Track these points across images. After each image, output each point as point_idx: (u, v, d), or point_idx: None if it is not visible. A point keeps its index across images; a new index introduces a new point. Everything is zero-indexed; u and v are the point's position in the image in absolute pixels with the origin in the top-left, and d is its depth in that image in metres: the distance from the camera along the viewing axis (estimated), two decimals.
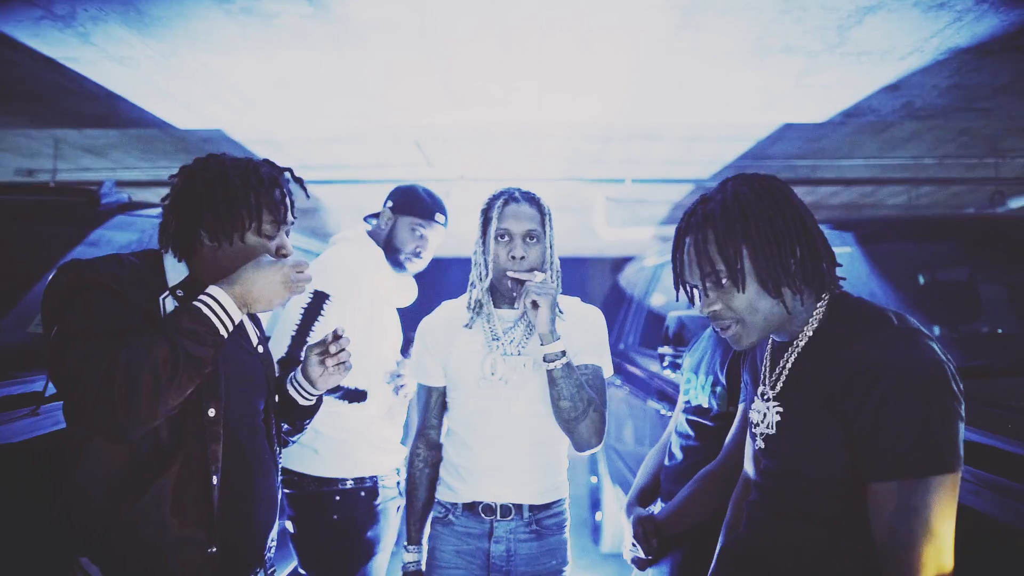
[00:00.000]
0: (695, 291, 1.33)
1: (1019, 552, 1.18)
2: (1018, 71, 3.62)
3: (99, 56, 3.48)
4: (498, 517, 1.72)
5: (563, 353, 1.63)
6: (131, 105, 4.24)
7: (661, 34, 3.24)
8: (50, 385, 2.02)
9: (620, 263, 7.04)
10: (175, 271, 1.46)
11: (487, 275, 1.76)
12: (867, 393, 1.09)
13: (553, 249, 1.78)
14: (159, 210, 2.44)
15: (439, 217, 2.28)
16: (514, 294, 1.75)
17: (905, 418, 1.06)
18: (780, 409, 1.27)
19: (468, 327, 1.79)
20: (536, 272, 1.70)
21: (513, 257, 1.72)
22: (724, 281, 1.24)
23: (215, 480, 1.39)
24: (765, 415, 1.30)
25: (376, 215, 2.37)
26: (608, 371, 1.81)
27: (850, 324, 1.21)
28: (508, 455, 1.73)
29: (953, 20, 2.99)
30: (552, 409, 1.67)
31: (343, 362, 1.62)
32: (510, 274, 1.69)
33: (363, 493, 2.22)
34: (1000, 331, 2.78)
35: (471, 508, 1.74)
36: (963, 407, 1.08)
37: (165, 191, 1.54)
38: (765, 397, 1.32)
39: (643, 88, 4.00)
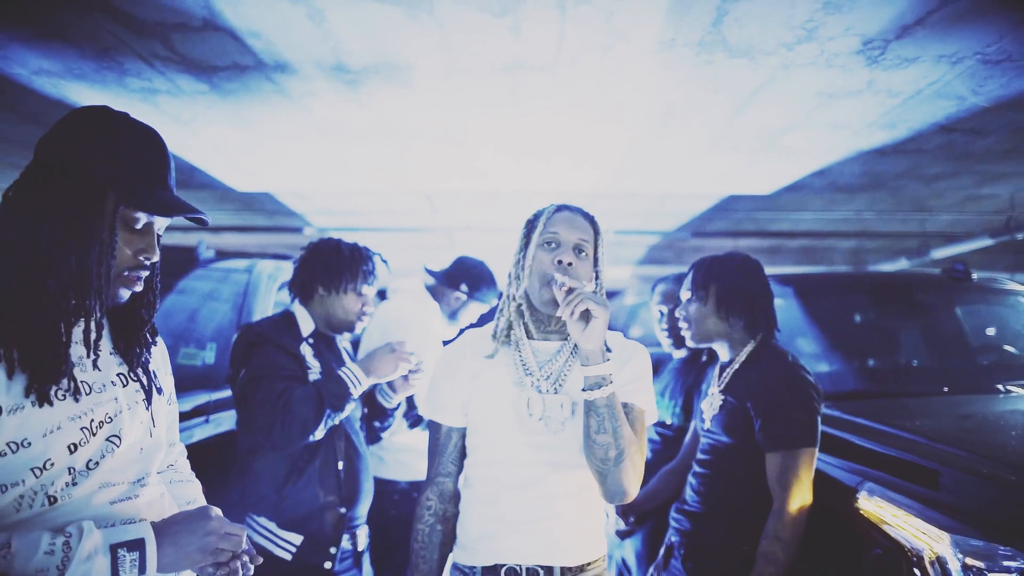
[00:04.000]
0: (683, 299, 2.03)
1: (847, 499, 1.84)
2: (911, 164, 4.52)
3: (199, 143, 4.19)
4: None
5: (610, 380, 1.32)
6: (206, 175, 4.89)
7: (639, 139, 4.08)
8: (211, 401, 2.77)
9: None
10: (305, 324, 2.03)
11: (522, 284, 1.46)
12: (766, 398, 1.76)
13: (602, 278, 1.50)
14: (227, 262, 3.14)
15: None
16: (552, 308, 1.41)
17: (787, 415, 1.71)
18: (723, 399, 1.87)
19: (491, 358, 1.49)
20: (587, 283, 1.40)
21: (559, 262, 1.40)
22: (692, 299, 1.97)
23: (341, 465, 1.96)
24: (712, 403, 1.91)
25: (439, 273, 2.80)
26: (652, 417, 1.49)
27: (767, 356, 1.88)
28: (538, 509, 1.41)
29: (852, 134, 3.88)
30: (584, 447, 1.35)
31: (416, 374, 2.13)
32: (558, 277, 1.34)
33: (415, 494, 2.52)
34: (915, 363, 3.14)
35: (493, 572, 1.42)
36: (820, 406, 1.75)
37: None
38: (713, 393, 1.93)
39: (627, 167, 4.76)
